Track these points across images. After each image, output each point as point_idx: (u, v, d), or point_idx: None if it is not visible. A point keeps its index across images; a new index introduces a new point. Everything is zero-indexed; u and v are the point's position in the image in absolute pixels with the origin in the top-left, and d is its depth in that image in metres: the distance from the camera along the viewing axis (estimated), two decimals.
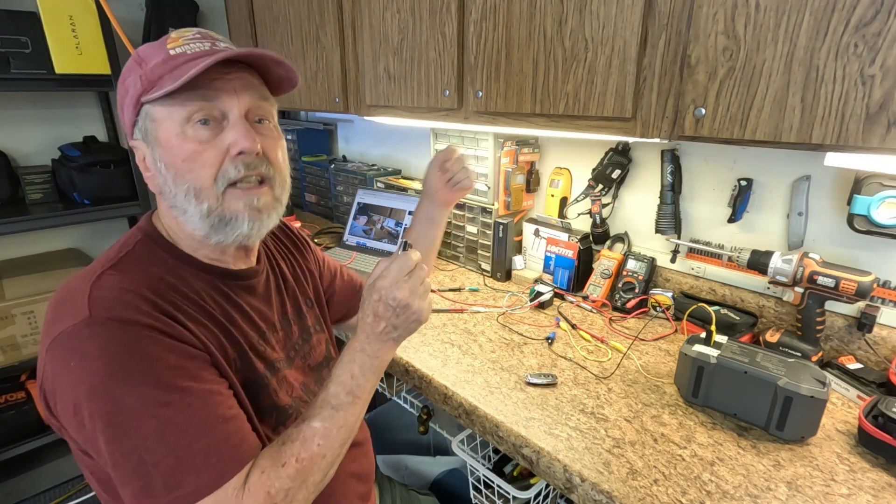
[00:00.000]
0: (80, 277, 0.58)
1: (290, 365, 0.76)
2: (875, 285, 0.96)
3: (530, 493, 0.92)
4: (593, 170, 1.31)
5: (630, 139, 1.18)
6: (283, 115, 2.48)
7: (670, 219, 1.20)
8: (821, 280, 0.93)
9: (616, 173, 1.27)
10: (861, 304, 0.97)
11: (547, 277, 1.41)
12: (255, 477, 0.55)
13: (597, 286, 1.30)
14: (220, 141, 0.61)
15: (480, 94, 1.11)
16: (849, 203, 0.91)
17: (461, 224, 1.57)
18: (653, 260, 1.26)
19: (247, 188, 0.63)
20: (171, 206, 0.63)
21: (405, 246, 0.67)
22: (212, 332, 0.62)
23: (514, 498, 0.93)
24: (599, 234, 1.36)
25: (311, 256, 0.92)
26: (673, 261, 1.25)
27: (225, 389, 0.60)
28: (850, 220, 0.91)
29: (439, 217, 1.04)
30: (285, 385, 0.72)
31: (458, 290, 1.39)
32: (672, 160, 1.17)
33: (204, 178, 0.61)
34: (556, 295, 1.32)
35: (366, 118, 1.48)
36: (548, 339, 1.11)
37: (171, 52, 0.60)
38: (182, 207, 0.62)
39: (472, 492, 1.04)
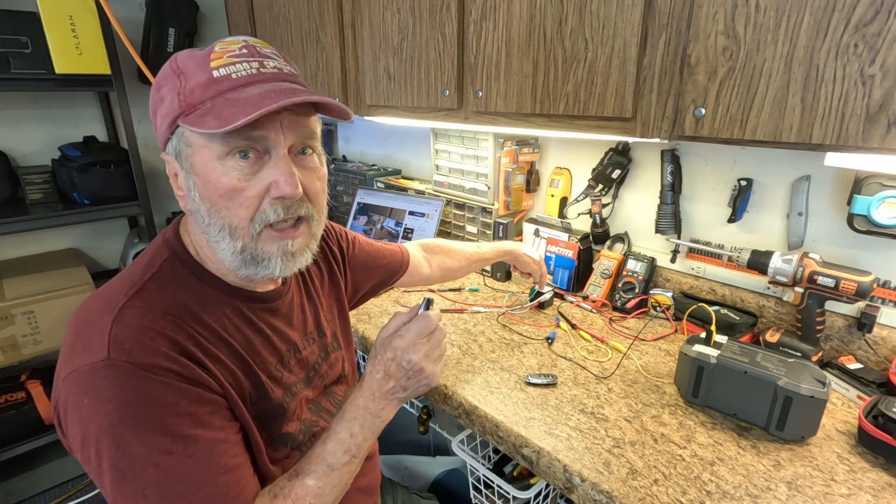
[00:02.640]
0: (102, 306, 0.56)
1: (307, 385, 0.74)
2: (875, 285, 0.96)
3: (530, 493, 0.92)
4: (593, 170, 1.31)
5: (630, 139, 1.18)
6: None
7: (670, 219, 1.20)
8: (821, 280, 0.93)
9: (616, 173, 1.27)
10: (861, 304, 0.97)
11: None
12: None
13: (597, 286, 1.30)
14: (260, 179, 0.57)
15: (480, 94, 1.11)
16: (849, 203, 0.91)
17: (461, 224, 1.57)
18: (653, 260, 1.26)
19: (282, 230, 0.60)
20: (203, 232, 0.61)
21: (428, 304, 0.66)
22: (229, 368, 0.61)
23: (514, 498, 0.93)
24: (599, 234, 1.36)
25: (340, 268, 0.91)
26: (673, 261, 1.25)
27: (233, 435, 0.58)
28: (850, 220, 0.91)
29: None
30: (299, 409, 0.72)
31: (458, 290, 1.39)
32: (672, 160, 1.17)
33: (240, 218, 0.57)
34: (556, 295, 1.32)
35: (366, 118, 1.48)
36: (548, 339, 1.11)
37: (215, 73, 0.56)
38: (215, 239, 0.59)
39: (472, 492, 1.04)
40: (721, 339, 0.91)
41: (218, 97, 0.55)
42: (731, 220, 1.12)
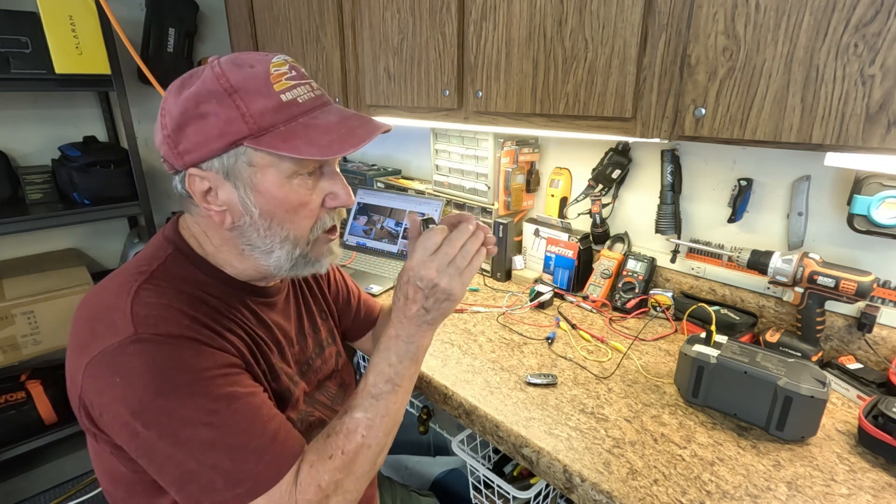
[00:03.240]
0: (113, 293, 0.58)
1: (302, 378, 0.76)
2: (875, 285, 0.96)
3: (530, 493, 0.92)
4: (593, 170, 1.31)
5: (630, 139, 1.18)
6: None
7: (670, 219, 1.20)
8: (821, 280, 0.93)
9: (616, 173, 1.27)
10: (861, 304, 0.97)
11: (547, 277, 1.41)
12: (305, 471, 0.57)
13: (597, 286, 1.30)
14: (319, 192, 0.63)
15: (480, 94, 1.11)
16: (849, 203, 0.91)
17: None
18: (653, 260, 1.26)
19: (329, 232, 0.67)
20: (247, 243, 0.62)
21: (426, 224, 0.65)
22: (244, 341, 0.64)
23: (514, 498, 0.93)
24: (599, 234, 1.36)
25: (330, 271, 0.92)
26: (673, 261, 1.25)
27: (262, 393, 0.61)
28: (850, 220, 0.91)
29: None
30: (299, 399, 0.74)
31: None
32: (672, 160, 1.17)
33: (304, 228, 0.63)
34: (556, 295, 1.32)
35: None
36: (548, 339, 1.11)
37: (282, 97, 0.58)
38: (267, 249, 0.62)
39: (472, 492, 1.04)
40: (721, 339, 0.91)
41: (291, 121, 0.58)
42: (731, 220, 1.12)
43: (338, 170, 0.65)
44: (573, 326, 1.17)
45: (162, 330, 0.54)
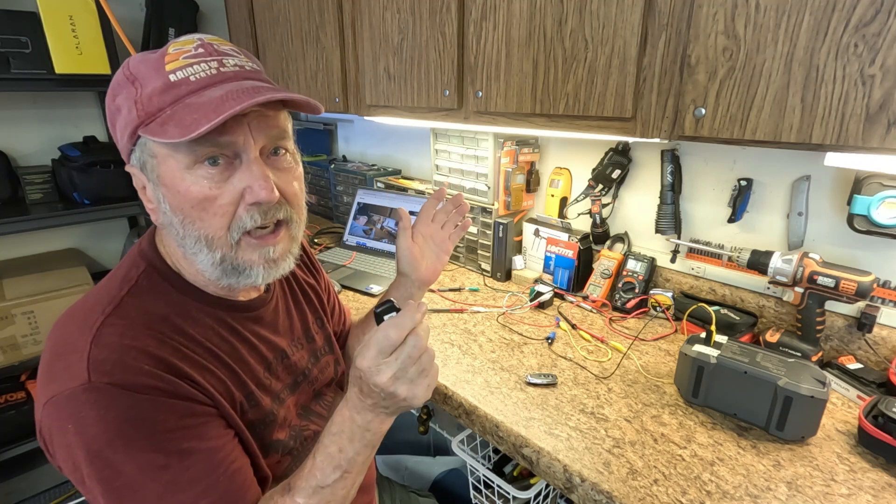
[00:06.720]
0: (79, 326, 0.53)
1: (294, 391, 0.73)
2: (875, 285, 0.96)
3: (530, 493, 0.92)
4: (593, 170, 1.31)
5: (630, 139, 1.18)
6: None
7: (670, 219, 1.20)
8: (821, 280, 0.93)
9: (616, 173, 1.27)
10: (861, 304, 0.97)
11: (547, 277, 1.41)
12: None
13: (597, 286, 1.30)
14: (233, 185, 0.54)
15: (480, 94, 1.11)
16: (849, 203, 0.91)
17: None
18: (653, 260, 1.26)
19: (262, 236, 0.58)
20: (179, 245, 0.58)
21: (387, 309, 0.53)
22: (219, 378, 0.59)
23: (514, 498, 0.93)
24: (599, 234, 1.36)
25: (321, 279, 0.90)
26: (673, 261, 1.25)
27: (229, 442, 0.57)
28: (850, 220, 0.91)
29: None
30: (289, 415, 0.70)
31: (458, 290, 1.39)
32: (672, 160, 1.17)
33: (216, 228, 0.55)
34: (556, 295, 1.32)
35: (366, 118, 1.48)
36: (548, 339, 1.11)
37: (171, 76, 0.52)
38: (191, 251, 0.56)
39: (472, 492, 1.04)
40: (721, 339, 0.91)
41: (177, 102, 0.52)
42: (731, 220, 1.12)
43: (256, 156, 0.55)
44: (573, 326, 1.17)
45: (117, 379, 0.49)
